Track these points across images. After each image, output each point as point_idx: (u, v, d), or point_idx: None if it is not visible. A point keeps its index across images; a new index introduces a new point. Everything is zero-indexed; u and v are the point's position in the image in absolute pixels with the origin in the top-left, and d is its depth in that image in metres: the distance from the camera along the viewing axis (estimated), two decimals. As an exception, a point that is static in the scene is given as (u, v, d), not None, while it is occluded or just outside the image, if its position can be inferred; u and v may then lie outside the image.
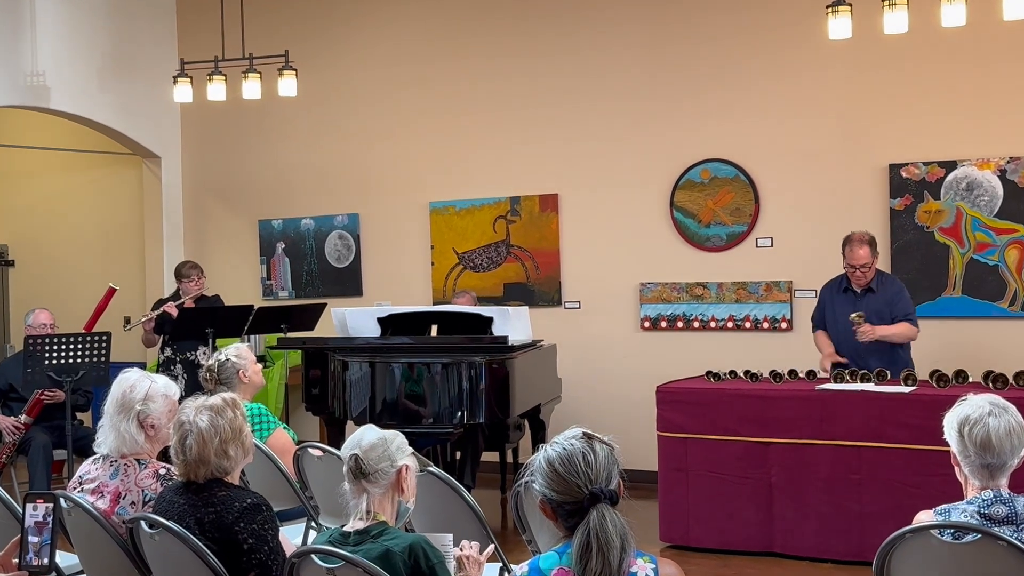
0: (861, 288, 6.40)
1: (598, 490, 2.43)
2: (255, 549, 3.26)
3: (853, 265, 6.31)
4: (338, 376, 6.66)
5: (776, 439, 5.98)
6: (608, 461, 2.49)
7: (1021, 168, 6.94)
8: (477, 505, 4.07)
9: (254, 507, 3.31)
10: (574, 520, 2.46)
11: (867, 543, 5.67)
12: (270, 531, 3.32)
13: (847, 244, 6.36)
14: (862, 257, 6.28)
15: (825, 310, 6.57)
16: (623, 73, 8.12)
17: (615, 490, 2.46)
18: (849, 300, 6.43)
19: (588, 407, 7.99)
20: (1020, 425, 3.10)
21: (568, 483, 2.46)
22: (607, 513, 2.41)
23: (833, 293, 6.53)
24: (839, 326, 6.43)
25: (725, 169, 7.81)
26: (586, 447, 2.49)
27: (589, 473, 2.46)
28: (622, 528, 2.40)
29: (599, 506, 2.41)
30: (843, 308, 6.42)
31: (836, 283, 6.55)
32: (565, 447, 2.51)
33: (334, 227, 9.27)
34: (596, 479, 2.45)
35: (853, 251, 6.31)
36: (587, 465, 2.46)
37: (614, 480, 2.48)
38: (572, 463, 2.47)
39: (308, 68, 8.60)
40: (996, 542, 2.97)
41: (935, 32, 6.43)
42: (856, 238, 6.35)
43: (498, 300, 8.37)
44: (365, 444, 3.14)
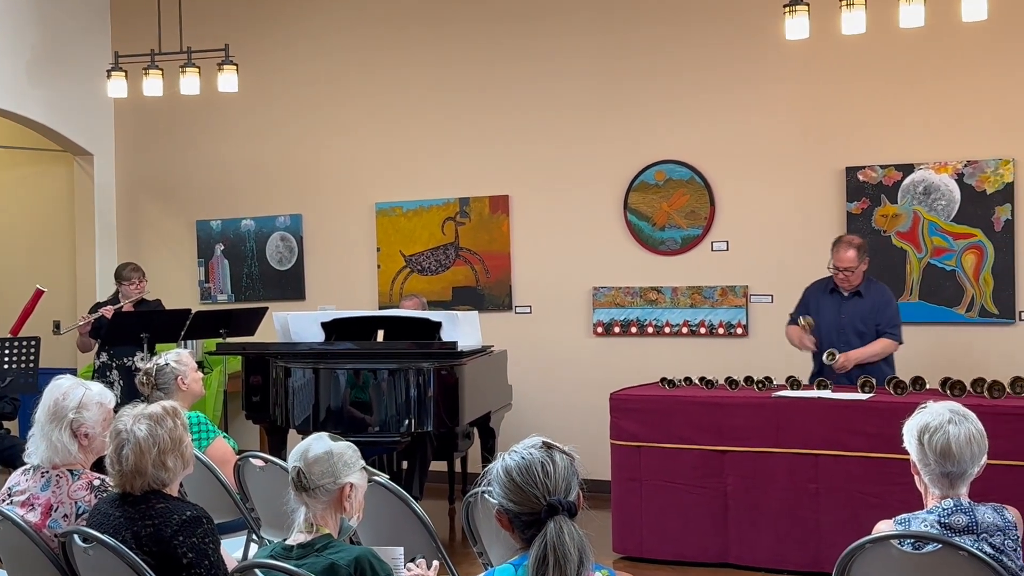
0: (848, 291, 6.31)
1: (556, 501, 2.34)
2: (195, 564, 3.15)
3: (838, 267, 6.24)
4: (280, 383, 6.50)
5: (732, 447, 5.90)
6: (567, 472, 2.41)
7: (979, 172, 6.90)
8: (427, 517, 3.94)
9: (194, 520, 3.20)
10: (531, 532, 2.37)
11: (824, 553, 5.62)
12: (211, 545, 3.21)
13: (835, 245, 6.31)
14: (847, 260, 6.21)
15: (808, 308, 6.45)
16: (577, 72, 8.01)
17: (574, 502, 2.37)
18: (835, 302, 6.37)
19: (539, 415, 7.88)
20: (980, 433, 3.10)
21: (526, 493, 2.38)
22: (565, 525, 2.32)
23: (819, 293, 6.44)
24: (823, 327, 6.36)
25: (680, 171, 7.70)
26: (545, 457, 2.41)
27: (548, 484, 2.37)
28: (580, 541, 2.32)
29: (557, 518, 2.33)
30: (828, 309, 6.36)
31: (823, 283, 6.47)
32: (524, 456, 2.42)
33: (276, 228, 9.05)
34: (555, 490, 2.37)
35: (840, 253, 6.25)
36: (546, 475, 2.38)
37: (573, 491, 2.40)
38: (531, 473, 2.38)
39: (249, 63, 8.40)
40: (957, 552, 2.97)
41: (893, 33, 6.38)
42: (845, 240, 6.31)
43: (447, 304, 8.22)
44: (310, 457, 3.06)
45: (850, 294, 6.33)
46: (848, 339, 6.27)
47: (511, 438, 7.64)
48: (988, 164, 6.88)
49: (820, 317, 6.37)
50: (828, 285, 6.41)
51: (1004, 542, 3.01)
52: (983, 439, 3.08)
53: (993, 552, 2.97)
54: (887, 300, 6.34)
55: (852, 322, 6.25)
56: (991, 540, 2.99)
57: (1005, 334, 6.89)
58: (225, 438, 4.97)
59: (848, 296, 6.33)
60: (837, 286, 6.35)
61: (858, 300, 6.32)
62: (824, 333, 6.33)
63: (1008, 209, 6.84)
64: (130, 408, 3.32)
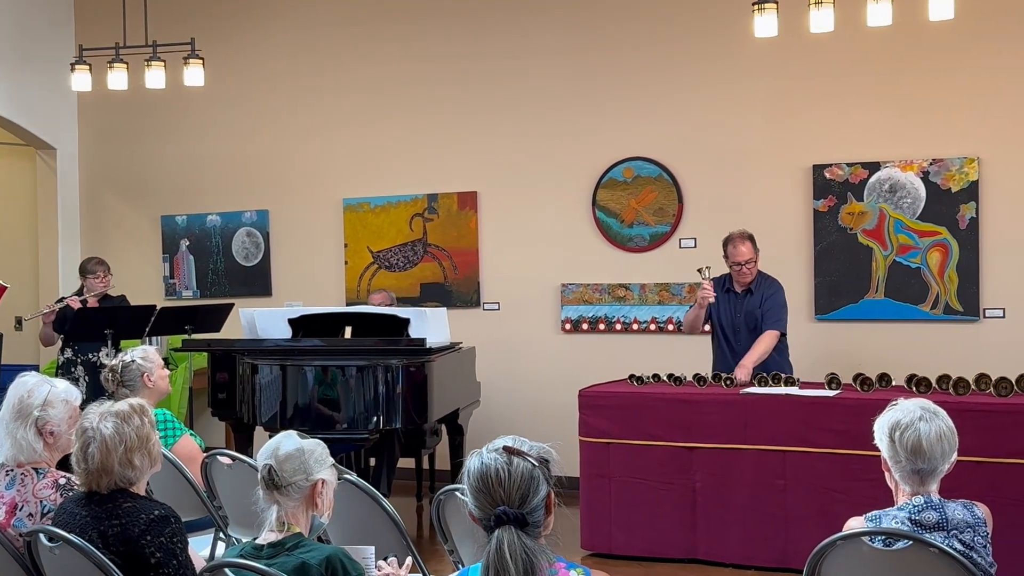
0: (743, 288, 6.37)
1: (502, 512, 2.27)
2: (163, 563, 3.10)
3: (738, 262, 6.29)
4: (247, 380, 6.44)
5: (700, 444, 5.91)
6: (525, 480, 2.31)
7: (944, 170, 6.95)
8: (397, 514, 3.90)
9: (162, 519, 3.15)
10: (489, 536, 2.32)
11: (792, 549, 5.65)
12: (179, 544, 3.16)
13: (728, 243, 6.35)
14: (745, 253, 6.27)
15: (711, 310, 6.49)
16: (546, 69, 7.99)
17: (525, 513, 2.29)
18: (731, 300, 6.44)
19: (508, 411, 7.87)
20: (950, 430, 3.10)
21: (480, 499, 2.33)
22: (507, 536, 2.25)
23: (718, 292, 6.47)
24: (725, 327, 6.44)
25: (648, 168, 7.70)
26: (503, 464, 2.33)
27: (500, 492, 2.30)
28: (524, 553, 2.24)
29: (502, 529, 2.26)
30: (726, 308, 6.44)
31: (720, 282, 6.51)
32: (484, 460, 2.36)
33: (242, 224, 8.98)
34: (507, 499, 2.29)
35: (736, 248, 6.29)
36: (499, 484, 2.31)
37: (532, 500, 2.31)
38: (485, 480, 2.32)
39: (216, 57, 8.33)
40: (927, 549, 2.97)
41: (860, 32, 6.42)
42: (737, 235, 6.35)
43: (415, 301, 8.19)
44: (281, 454, 3.02)
45: (743, 292, 6.37)
46: (745, 336, 6.33)
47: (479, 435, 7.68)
48: (953, 163, 6.93)
49: (719, 315, 6.44)
50: (724, 284, 6.45)
51: (974, 539, 3.01)
52: (953, 436, 3.08)
53: (963, 549, 2.98)
54: (772, 292, 6.37)
55: (746, 320, 6.31)
56: (961, 537, 3.00)
57: (969, 331, 6.94)
58: (192, 436, 4.93)
59: (742, 294, 6.38)
60: (731, 285, 6.40)
61: (750, 298, 6.37)
62: (723, 331, 6.42)
63: (973, 207, 6.89)
64: (96, 406, 3.27)
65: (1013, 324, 6.86)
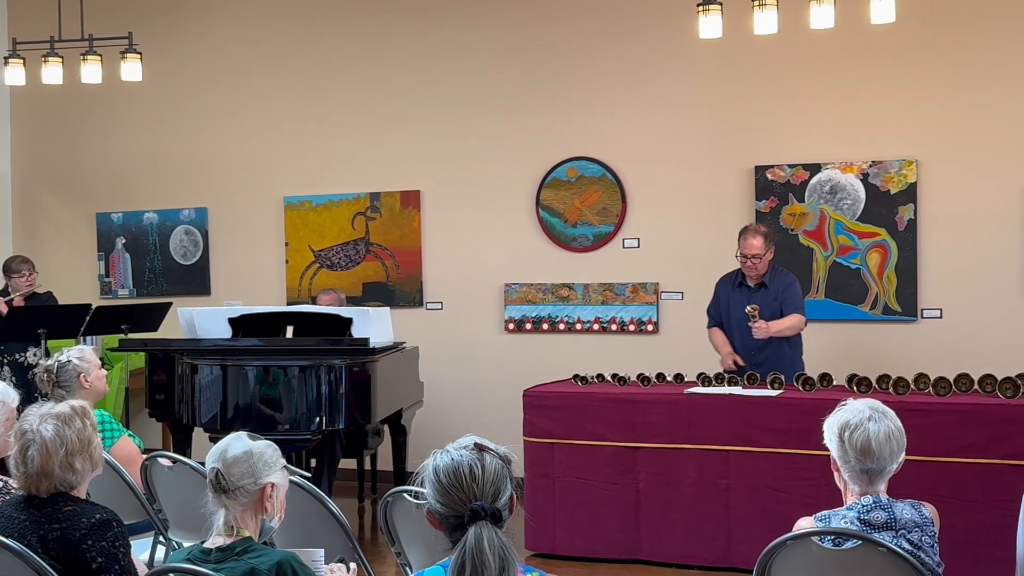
0: (755, 282, 6.36)
1: (479, 507, 2.25)
2: (104, 569, 3.03)
3: (745, 255, 6.27)
4: (187, 380, 6.35)
5: (644, 444, 5.91)
6: (497, 476, 2.32)
7: (883, 172, 7.04)
8: (343, 517, 3.85)
9: (103, 523, 3.07)
10: (457, 535, 2.29)
11: (734, 548, 5.69)
12: (121, 549, 3.09)
13: (742, 234, 6.34)
14: (755, 247, 6.24)
15: (720, 304, 6.51)
16: (490, 68, 7.98)
17: (499, 508, 2.28)
18: (744, 295, 6.40)
19: (451, 411, 7.84)
20: (899, 430, 3.12)
21: (452, 496, 2.30)
22: (486, 532, 2.23)
23: (729, 288, 6.48)
24: (733, 321, 6.41)
25: (592, 168, 7.71)
26: (475, 460, 2.32)
27: (474, 488, 2.29)
28: (501, 549, 2.22)
29: (479, 524, 2.24)
30: (738, 303, 6.39)
31: (731, 277, 6.51)
32: (454, 457, 2.33)
33: (180, 222, 8.85)
34: (481, 495, 2.28)
35: (747, 240, 6.28)
36: (473, 479, 2.30)
37: (503, 497, 2.32)
38: (457, 476, 2.30)
39: (154, 52, 8.22)
40: (876, 548, 2.98)
41: (804, 34, 6.48)
42: (752, 228, 6.36)
43: (357, 300, 8.12)
44: (229, 457, 2.95)
45: (757, 286, 6.37)
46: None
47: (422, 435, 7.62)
48: (892, 165, 7.02)
49: (732, 311, 6.42)
50: (736, 279, 6.45)
51: (922, 538, 3.04)
52: (902, 436, 3.10)
53: (911, 548, 3.00)
54: (789, 283, 6.39)
55: (762, 312, 6.29)
56: (909, 536, 3.02)
57: (908, 331, 7.04)
58: (131, 437, 4.83)
59: (755, 288, 6.37)
60: (744, 279, 6.40)
61: (764, 292, 6.36)
62: (735, 326, 6.39)
63: (911, 209, 6.99)
64: (36, 407, 3.18)
65: (950, 324, 6.97)
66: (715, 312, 6.56)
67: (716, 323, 6.55)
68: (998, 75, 6.84)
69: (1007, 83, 6.83)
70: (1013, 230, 6.83)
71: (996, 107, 6.85)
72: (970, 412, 5.27)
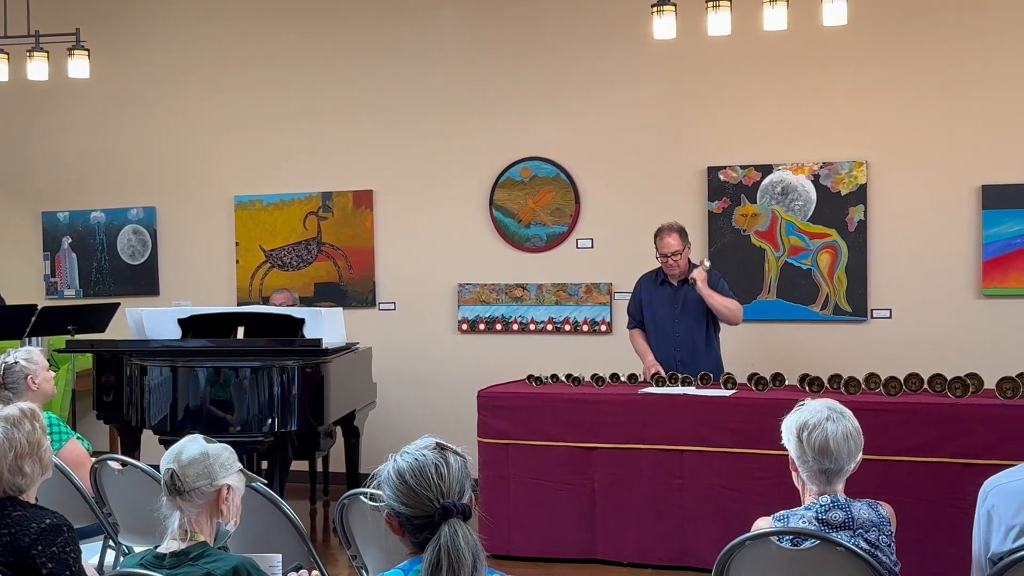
0: (677, 280, 6.38)
1: (450, 504, 2.27)
2: (55, 574, 2.99)
3: (664, 254, 6.29)
4: (136, 382, 6.27)
5: (599, 444, 5.91)
6: (461, 473, 2.34)
7: (834, 173, 7.10)
8: (298, 520, 3.81)
9: (54, 528, 3.03)
10: (424, 535, 2.29)
11: (688, 547, 5.71)
12: (72, 554, 3.04)
13: (657, 235, 6.36)
14: (671, 245, 6.26)
15: (642, 304, 6.51)
16: (443, 67, 7.95)
17: (468, 504, 2.31)
18: (668, 292, 6.41)
19: (405, 413, 7.81)
20: (856, 430, 3.15)
21: (419, 496, 2.29)
22: (459, 528, 2.25)
23: (651, 286, 6.48)
24: (657, 320, 6.42)
25: (546, 168, 7.71)
26: (439, 458, 2.33)
27: (442, 486, 2.29)
28: (474, 544, 2.26)
29: (451, 521, 2.26)
30: (661, 301, 6.41)
31: (652, 276, 6.51)
32: (417, 457, 2.33)
33: (128, 221, 8.73)
34: (449, 492, 2.29)
35: (663, 239, 6.30)
36: (440, 477, 2.30)
37: (467, 494, 2.33)
38: (424, 475, 2.30)
39: (102, 49, 8.09)
40: (834, 548, 3.00)
41: (757, 36, 6.53)
42: (666, 227, 6.35)
43: (309, 301, 8.06)
44: (184, 459, 2.92)
45: (679, 283, 6.38)
46: (687, 325, 6.33)
47: (375, 436, 7.56)
48: (843, 166, 7.09)
49: (654, 309, 6.43)
50: (658, 277, 6.45)
51: (879, 538, 3.06)
52: (859, 436, 3.12)
53: (868, 547, 3.02)
54: (715, 278, 6.38)
55: (687, 310, 6.31)
56: (867, 536, 3.04)
57: (858, 331, 7.11)
58: (79, 439, 4.77)
59: (679, 286, 6.38)
60: (666, 277, 6.41)
61: (689, 288, 6.34)
62: (660, 324, 6.40)
63: (861, 210, 7.06)
64: (-16, 410, 3.12)
65: (899, 324, 7.04)
66: (635, 311, 6.55)
67: (637, 323, 6.54)
68: (947, 78, 6.93)
69: (956, 86, 6.92)
70: (961, 231, 6.92)
71: (945, 109, 6.94)
72: (920, 411, 5.32)
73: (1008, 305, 6.84)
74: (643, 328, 6.51)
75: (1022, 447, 4.98)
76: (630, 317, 6.61)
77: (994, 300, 6.86)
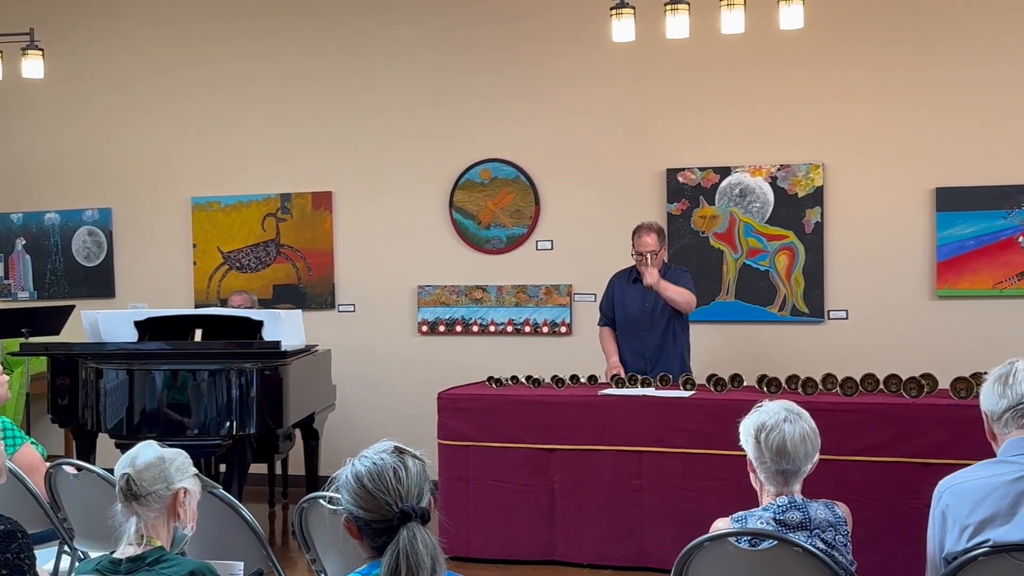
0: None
1: (409, 508, 2.27)
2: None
3: (641, 252, 6.31)
4: (91, 385, 6.19)
5: (559, 446, 5.92)
6: (420, 477, 2.35)
7: (791, 176, 7.16)
8: (257, 524, 3.78)
9: (8, 534, 2.98)
10: (383, 539, 2.29)
11: (647, 548, 5.73)
12: (26, 561, 2.99)
13: (636, 232, 6.38)
14: (649, 244, 6.29)
15: (615, 301, 6.54)
16: (403, 69, 7.93)
17: (426, 508, 2.31)
18: (638, 291, 6.43)
19: (365, 415, 7.78)
20: (813, 431, 3.17)
21: (377, 500, 2.30)
22: (418, 532, 2.26)
23: (624, 283, 6.52)
24: (627, 318, 6.45)
25: (506, 170, 7.72)
26: (398, 462, 2.33)
27: (400, 490, 2.30)
28: (433, 548, 2.27)
29: (410, 525, 2.26)
30: (633, 298, 6.44)
31: (626, 273, 6.54)
32: (375, 461, 2.33)
33: (83, 222, 8.63)
34: (407, 496, 2.30)
35: (641, 238, 6.32)
36: (398, 481, 2.31)
37: (425, 497, 2.34)
38: (382, 479, 2.30)
39: (57, 49, 8.00)
40: (791, 548, 3.02)
41: (715, 39, 6.57)
42: (645, 226, 6.37)
43: (268, 303, 8.01)
44: (140, 463, 2.91)
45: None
46: (656, 324, 6.36)
47: (335, 439, 7.52)
48: (800, 168, 7.15)
49: (626, 306, 6.46)
50: (631, 275, 6.48)
51: (835, 537, 3.09)
52: (816, 437, 3.15)
53: (825, 548, 3.04)
54: (682, 272, 6.44)
55: (656, 309, 6.35)
56: (823, 536, 3.07)
57: (815, 332, 7.18)
58: (34, 444, 4.70)
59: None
60: (639, 276, 6.43)
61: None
62: (630, 321, 6.42)
63: (818, 212, 7.12)
64: (-65, 416, 3.08)
65: (855, 325, 7.11)
66: (607, 308, 6.59)
67: (608, 320, 6.58)
68: (903, 82, 7.01)
69: (911, 90, 7.00)
70: (917, 232, 7.00)
71: (900, 113, 7.01)
72: (876, 412, 5.37)
73: (961, 306, 6.93)
74: (613, 327, 6.54)
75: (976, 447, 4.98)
76: (601, 314, 6.64)
77: (948, 301, 6.95)
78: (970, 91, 6.90)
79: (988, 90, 6.86)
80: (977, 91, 6.88)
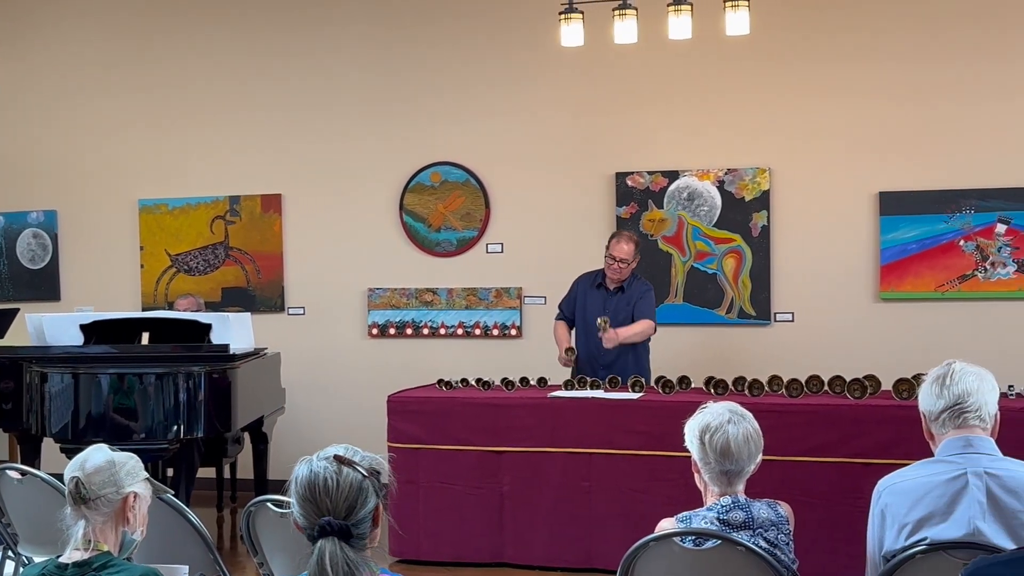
0: (614, 285, 6.46)
1: (326, 523, 2.22)
2: (-47, 588, 2.88)
3: (614, 257, 6.36)
4: (36, 389, 6.13)
5: (508, 448, 5.94)
6: (353, 491, 2.27)
7: (738, 180, 7.24)
8: (204, 529, 3.77)
9: (-48, 541, 2.90)
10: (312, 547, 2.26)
11: (596, 549, 5.76)
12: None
13: (614, 236, 6.46)
14: (624, 251, 6.35)
15: (576, 302, 6.60)
16: (352, 71, 7.91)
17: (350, 524, 2.24)
18: (600, 296, 6.50)
19: (314, 418, 7.76)
20: (757, 432, 3.21)
21: (307, 508, 2.27)
22: (329, 548, 2.21)
23: (587, 287, 6.57)
24: (585, 318, 6.51)
25: (456, 173, 7.73)
26: (332, 473, 2.27)
27: (327, 502, 2.25)
28: (346, 564, 2.21)
29: (324, 540, 2.22)
30: (593, 303, 6.50)
31: (591, 277, 6.60)
32: (313, 468, 2.29)
33: (28, 224, 8.53)
34: (333, 510, 2.25)
35: (618, 243, 6.39)
36: (326, 493, 2.25)
37: (358, 513, 2.27)
38: (313, 489, 2.26)
39: (0, 49, 7.85)
40: (735, 547, 3.06)
41: (663, 44, 6.63)
42: (625, 234, 6.49)
43: (216, 306, 7.96)
44: (89, 467, 2.87)
45: (615, 289, 6.48)
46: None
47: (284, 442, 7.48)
48: (746, 172, 7.23)
49: (587, 310, 6.52)
50: (596, 279, 6.54)
51: (778, 536, 3.13)
52: (759, 438, 3.19)
53: (768, 546, 3.09)
54: (645, 290, 6.52)
55: (615, 316, 6.40)
56: (766, 535, 3.11)
57: (761, 334, 7.26)
58: (-23, 450, 4.65)
59: (613, 292, 6.49)
60: (603, 281, 6.49)
61: (621, 296, 6.48)
62: (589, 326, 6.46)
63: (764, 216, 7.21)
64: None
65: (801, 327, 7.20)
66: (567, 308, 6.65)
67: (565, 317, 6.64)
68: (847, 87, 7.10)
69: (856, 92, 7.09)
70: (861, 236, 7.10)
71: (844, 118, 7.11)
72: (821, 412, 5.46)
73: (904, 308, 7.04)
74: (568, 325, 6.62)
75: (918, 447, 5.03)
76: (560, 311, 6.70)
77: (891, 304, 7.06)
78: (912, 97, 7.01)
79: (930, 96, 6.98)
80: (919, 97, 7.00)
